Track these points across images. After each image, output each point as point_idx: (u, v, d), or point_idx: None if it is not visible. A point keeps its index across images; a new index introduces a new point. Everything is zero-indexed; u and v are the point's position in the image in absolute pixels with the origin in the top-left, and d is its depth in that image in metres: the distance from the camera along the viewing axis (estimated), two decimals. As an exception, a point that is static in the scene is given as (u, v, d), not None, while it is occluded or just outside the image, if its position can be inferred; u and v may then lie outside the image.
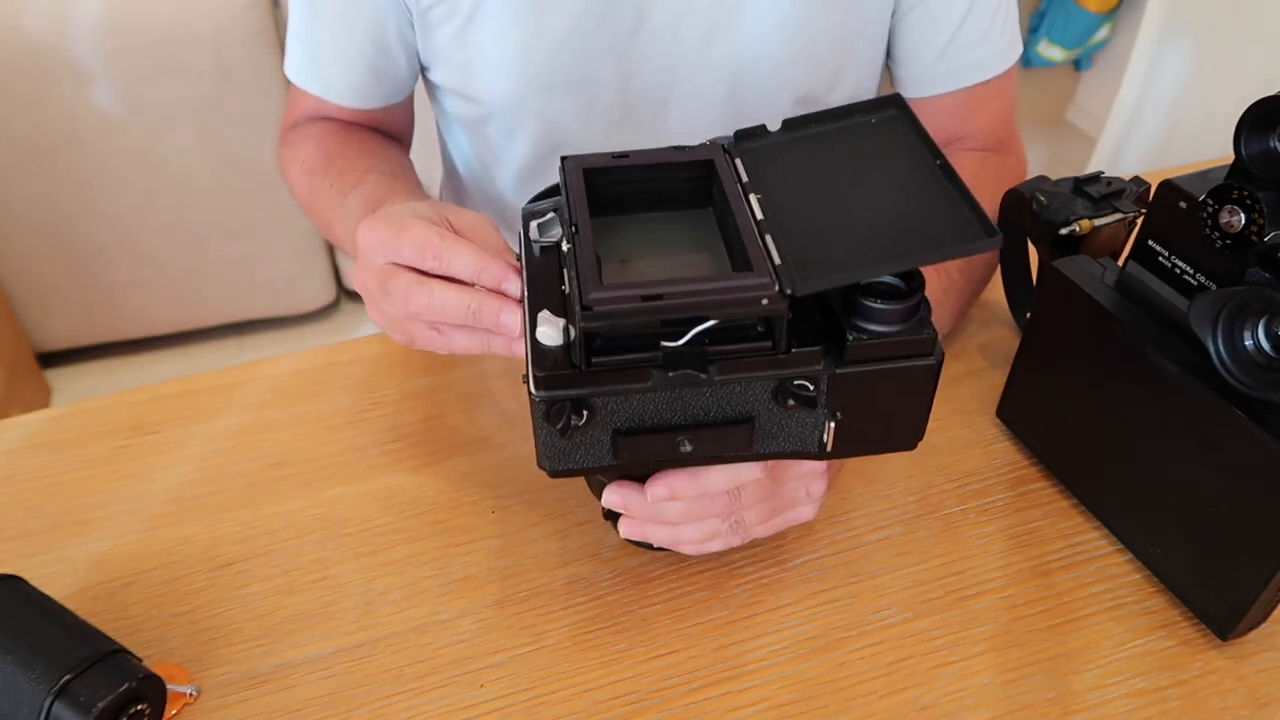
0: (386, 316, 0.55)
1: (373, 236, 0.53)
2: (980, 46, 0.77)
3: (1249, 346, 0.47)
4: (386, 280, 0.52)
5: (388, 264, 0.53)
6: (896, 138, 0.47)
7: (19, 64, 1.52)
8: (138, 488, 0.63)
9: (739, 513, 0.52)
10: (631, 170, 0.48)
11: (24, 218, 1.66)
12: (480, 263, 0.50)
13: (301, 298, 1.93)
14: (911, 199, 0.44)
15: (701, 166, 0.48)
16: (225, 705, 0.51)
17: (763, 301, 0.40)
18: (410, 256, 0.51)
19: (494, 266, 0.49)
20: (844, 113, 0.49)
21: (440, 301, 0.51)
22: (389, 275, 0.52)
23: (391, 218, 0.53)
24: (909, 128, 0.47)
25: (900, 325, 0.43)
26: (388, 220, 0.53)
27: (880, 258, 0.41)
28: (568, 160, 0.48)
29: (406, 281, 0.51)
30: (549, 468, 0.46)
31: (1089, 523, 0.61)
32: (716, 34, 0.73)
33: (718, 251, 0.47)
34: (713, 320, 0.41)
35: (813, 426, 0.46)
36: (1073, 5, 2.34)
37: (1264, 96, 0.47)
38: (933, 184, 0.44)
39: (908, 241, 0.42)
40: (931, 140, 0.46)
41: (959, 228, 0.41)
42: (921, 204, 0.43)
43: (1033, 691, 0.52)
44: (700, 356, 0.42)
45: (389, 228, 0.52)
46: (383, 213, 0.55)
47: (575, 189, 0.46)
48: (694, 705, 0.51)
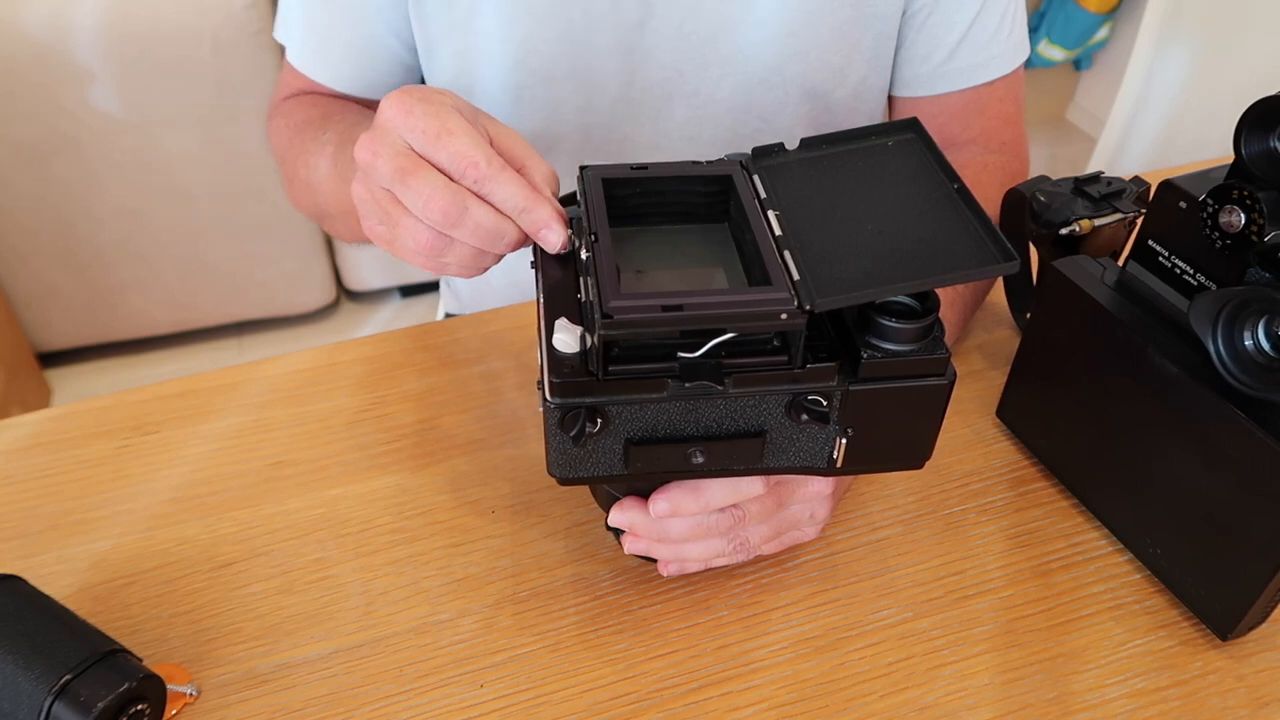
0: (376, 199, 0.49)
1: (405, 117, 0.47)
2: (990, 46, 0.78)
3: (1249, 346, 0.48)
4: (410, 172, 0.47)
5: (412, 152, 0.47)
6: (913, 161, 0.47)
7: (19, 64, 1.52)
8: (138, 488, 0.63)
9: (743, 533, 0.52)
10: (650, 182, 0.49)
11: (24, 218, 1.66)
12: (525, 202, 0.47)
13: (301, 298, 1.93)
14: (928, 221, 0.44)
15: (719, 181, 0.49)
16: (225, 705, 0.51)
17: (781, 316, 0.40)
18: (447, 164, 0.47)
19: (538, 210, 0.47)
20: (861, 134, 0.50)
21: (476, 221, 0.47)
22: (415, 168, 0.47)
23: (431, 102, 0.48)
24: (926, 151, 0.47)
25: (914, 344, 0.43)
26: (426, 105, 0.47)
27: (897, 278, 0.42)
28: (587, 170, 0.48)
29: (436, 185, 0.46)
30: (559, 475, 0.46)
31: (1089, 523, 0.61)
32: (723, 31, 0.73)
33: (733, 266, 0.48)
34: (731, 333, 0.41)
35: (823, 442, 0.46)
36: (1073, 5, 2.34)
37: (1264, 96, 0.47)
38: (949, 207, 0.44)
39: (924, 263, 0.42)
40: (948, 164, 0.46)
41: (975, 250, 0.42)
42: (938, 226, 0.44)
43: (1033, 691, 0.52)
44: (716, 368, 0.42)
45: (429, 117, 0.47)
46: (416, 91, 0.48)
47: (595, 198, 0.46)
48: (694, 705, 0.51)
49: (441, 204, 0.46)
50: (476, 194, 0.47)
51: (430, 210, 0.47)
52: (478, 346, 0.73)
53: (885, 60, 0.80)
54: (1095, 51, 2.50)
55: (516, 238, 0.48)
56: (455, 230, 0.47)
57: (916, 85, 0.81)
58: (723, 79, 0.76)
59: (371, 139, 0.48)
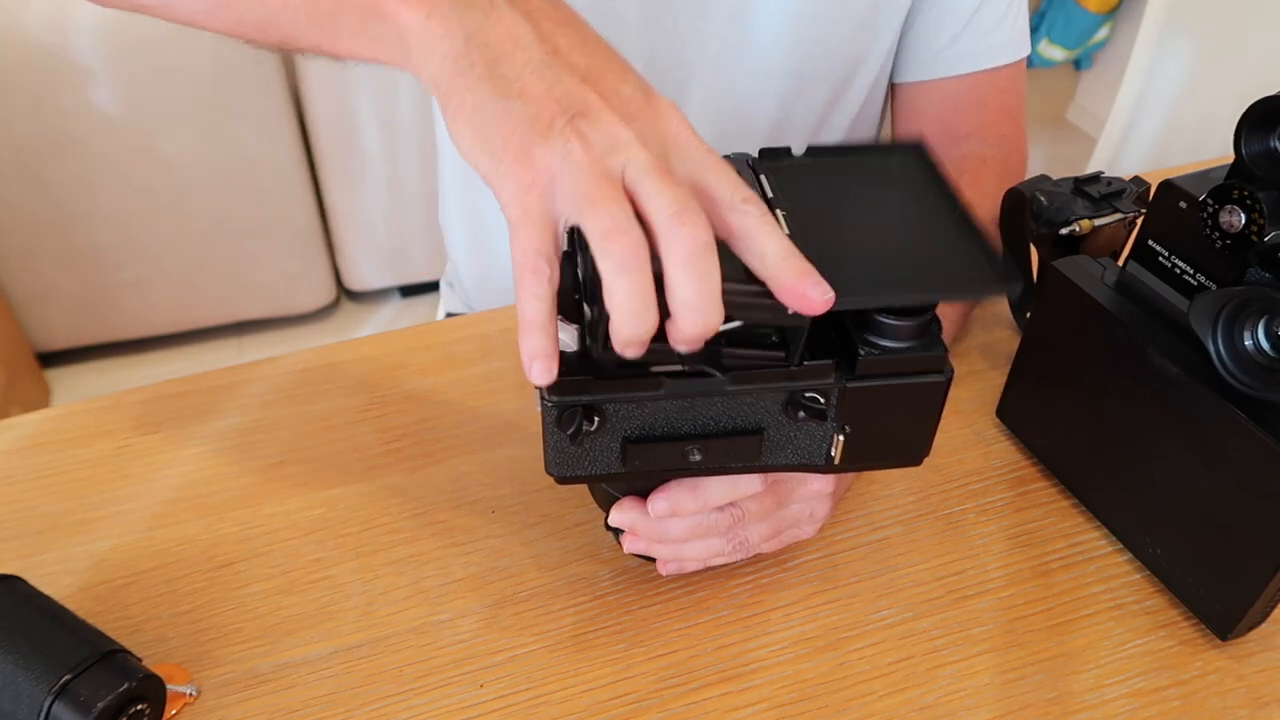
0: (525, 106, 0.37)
1: (595, 58, 0.39)
2: (993, 33, 0.78)
3: (1249, 346, 0.48)
4: (590, 110, 0.37)
5: (586, 95, 0.37)
6: (918, 178, 0.47)
7: (19, 63, 1.52)
8: (138, 488, 0.63)
9: (742, 532, 0.52)
10: None
11: (24, 217, 1.66)
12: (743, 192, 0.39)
13: (301, 298, 1.93)
14: (932, 237, 0.44)
15: None
16: (225, 705, 0.51)
17: (789, 312, 0.40)
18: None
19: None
20: (867, 149, 0.50)
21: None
22: (592, 108, 0.37)
23: (616, 58, 0.39)
24: (931, 171, 0.47)
25: (912, 342, 0.43)
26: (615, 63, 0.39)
27: (902, 286, 0.42)
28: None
29: (625, 138, 0.37)
30: (557, 474, 0.46)
31: (1089, 523, 0.61)
32: (744, 13, 0.74)
33: (734, 261, 0.47)
34: (738, 321, 0.41)
35: (821, 439, 0.46)
36: (1073, 5, 2.35)
37: (1264, 96, 0.47)
38: (952, 224, 0.44)
39: (927, 276, 0.43)
40: (953, 183, 0.46)
41: (973, 274, 0.42)
42: (942, 242, 0.44)
43: (1033, 691, 0.52)
44: (717, 355, 0.42)
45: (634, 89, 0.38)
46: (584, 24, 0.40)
47: None
48: (694, 705, 0.51)
49: (622, 148, 0.37)
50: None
51: (614, 150, 0.37)
52: (478, 346, 0.73)
53: (896, 47, 0.80)
54: (1095, 51, 2.51)
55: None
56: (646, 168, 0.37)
57: (919, 70, 0.81)
58: (740, 63, 0.75)
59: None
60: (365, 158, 1.78)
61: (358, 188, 1.82)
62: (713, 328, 0.36)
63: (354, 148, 1.77)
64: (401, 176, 1.82)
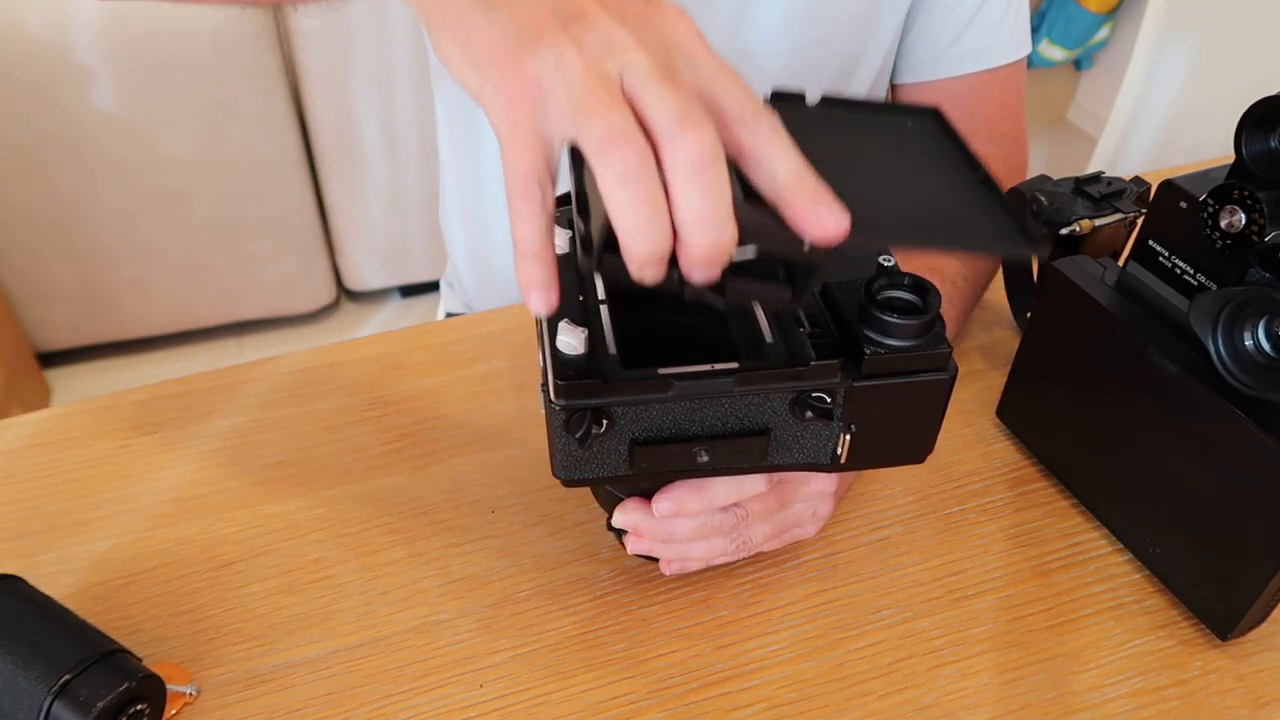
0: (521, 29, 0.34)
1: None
2: (995, 32, 0.78)
3: (1249, 346, 0.47)
4: (586, 14, 0.34)
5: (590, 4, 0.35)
6: (934, 142, 0.46)
7: (19, 64, 1.52)
8: (138, 488, 0.63)
9: (746, 532, 0.52)
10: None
11: (24, 217, 1.66)
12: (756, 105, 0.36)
13: (301, 298, 1.93)
14: (954, 193, 0.43)
15: None
16: (225, 705, 0.51)
17: (805, 248, 0.36)
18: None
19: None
20: (883, 107, 0.49)
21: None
22: (588, 13, 0.34)
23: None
24: (949, 135, 0.45)
25: (916, 340, 0.43)
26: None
27: (930, 234, 0.39)
28: (577, 150, 0.46)
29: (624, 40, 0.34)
30: (564, 477, 0.46)
31: (1089, 523, 0.61)
32: (743, 13, 0.74)
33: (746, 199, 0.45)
34: (753, 246, 0.37)
35: (827, 438, 0.46)
36: (1073, 5, 2.34)
37: (1264, 96, 0.47)
38: (974, 186, 0.42)
39: (955, 228, 0.40)
40: (971, 151, 0.43)
41: (1004, 231, 0.40)
42: (964, 201, 0.42)
43: (1033, 691, 0.52)
44: (720, 285, 0.39)
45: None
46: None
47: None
48: (694, 705, 0.51)
49: (622, 50, 0.34)
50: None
51: (614, 51, 0.34)
52: (477, 346, 0.73)
53: (895, 48, 0.80)
54: (1095, 51, 2.50)
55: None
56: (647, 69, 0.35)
57: (921, 70, 0.81)
58: (742, 60, 0.76)
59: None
60: (365, 158, 1.78)
61: (358, 187, 1.82)
62: (726, 248, 0.33)
63: (354, 147, 1.77)
64: (401, 176, 1.82)
